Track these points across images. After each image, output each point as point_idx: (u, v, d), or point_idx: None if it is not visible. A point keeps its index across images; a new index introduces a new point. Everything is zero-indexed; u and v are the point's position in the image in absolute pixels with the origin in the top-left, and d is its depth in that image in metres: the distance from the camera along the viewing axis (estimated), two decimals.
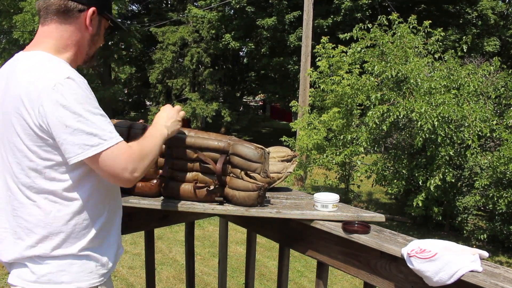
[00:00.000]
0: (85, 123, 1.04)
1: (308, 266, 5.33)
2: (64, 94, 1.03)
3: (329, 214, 1.41)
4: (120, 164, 1.08)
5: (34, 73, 1.07)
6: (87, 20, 1.18)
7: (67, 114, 1.03)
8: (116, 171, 1.08)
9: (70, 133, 1.03)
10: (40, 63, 1.10)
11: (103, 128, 1.06)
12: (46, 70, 1.08)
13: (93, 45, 1.25)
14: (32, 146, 1.08)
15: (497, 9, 15.58)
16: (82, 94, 1.06)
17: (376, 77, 6.64)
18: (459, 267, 1.07)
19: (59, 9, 1.15)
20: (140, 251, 5.20)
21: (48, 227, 1.11)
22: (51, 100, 1.03)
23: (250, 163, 1.42)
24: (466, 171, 6.82)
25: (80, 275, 1.15)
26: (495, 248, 6.68)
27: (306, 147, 7.63)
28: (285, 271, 1.67)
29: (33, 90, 1.05)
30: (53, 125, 1.04)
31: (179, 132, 1.50)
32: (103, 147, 1.06)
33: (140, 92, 20.24)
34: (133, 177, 1.11)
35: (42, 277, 1.12)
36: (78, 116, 1.04)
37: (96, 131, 1.05)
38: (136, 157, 1.11)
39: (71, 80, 1.06)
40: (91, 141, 1.04)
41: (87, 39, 1.22)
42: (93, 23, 1.20)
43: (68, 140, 1.04)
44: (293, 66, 14.55)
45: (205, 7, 14.90)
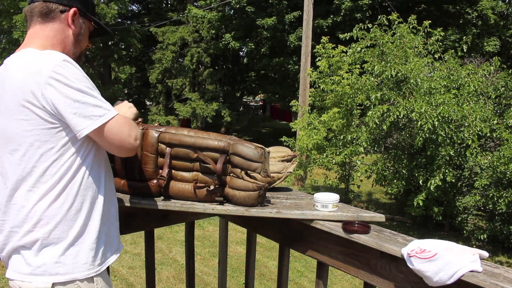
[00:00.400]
0: (89, 97, 1.12)
1: (308, 266, 5.33)
2: (64, 73, 1.10)
3: (329, 214, 1.41)
4: (126, 131, 1.17)
5: (30, 65, 1.12)
6: (69, 20, 1.25)
7: (71, 91, 1.09)
8: (123, 137, 1.16)
9: (78, 107, 1.10)
10: (33, 56, 1.15)
11: (104, 101, 1.15)
12: (42, 59, 1.12)
13: (78, 45, 1.30)
14: (34, 133, 1.11)
15: (497, 9, 15.58)
16: (80, 73, 1.13)
17: (376, 77, 6.63)
18: (459, 267, 1.07)
19: (42, 11, 1.22)
20: (140, 251, 5.20)
21: (39, 216, 1.13)
22: (53, 81, 1.08)
23: (250, 163, 1.42)
24: (466, 171, 6.82)
25: (75, 266, 1.16)
26: (495, 248, 6.68)
27: (306, 147, 7.62)
28: (285, 271, 1.67)
29: (33, 78, 1.09)
30: (59, 104, 1.09)
31: (179, 131, 1.51)
32: (109, 116, 1.14)
33: (140, 92, 20.23)
34: (137, 144, 1.21)
35: (37, 269, 1.14)
36: (81, 91, 1.11)
37: (99, 103, 1.13)
38: (133, 125, 1.22)
39: (67, 62, 1.13)
40: (98, 112, 1.12)
41: (71, 38, 1.27)
42: (75, 23, 1.27)
43: (77, 114, 1.10)
44: (293, 66, 14.55)
45: (205, 7, 14.90)
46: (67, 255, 1.16)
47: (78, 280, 1.17)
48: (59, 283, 1.15)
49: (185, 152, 1.48)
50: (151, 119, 15.94)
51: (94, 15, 1.34)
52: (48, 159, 1.13)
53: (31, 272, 1.14)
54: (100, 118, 1.12)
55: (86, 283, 1.19)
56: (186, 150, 1.48)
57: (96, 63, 16.25)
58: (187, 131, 1.51)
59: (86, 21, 1.31)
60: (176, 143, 1.48)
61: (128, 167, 1.52)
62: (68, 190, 1.16)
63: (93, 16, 1.33)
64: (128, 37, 15.77)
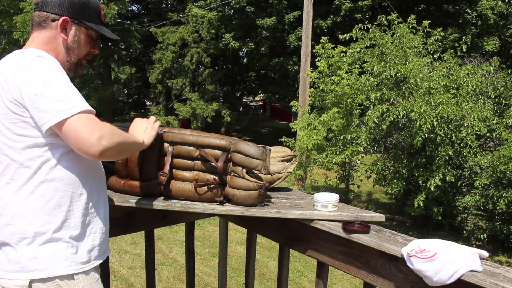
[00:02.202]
0: (55, 91, 1.10)
1: (308, 266, 5.34)
2: (35, 67, 1.12)
3: (329, 214, 1.41)
4: (88, 128, 1.09)
5: (12, 60, 1.17)
6: (59, 28, 1.27)
7: (39, 84, 1.10)
8: (82, 135, 1.09)
9: (41, 101, 1.09)
10: (20, 52, 1.21)
11: (72, 96, 1.12)
12: (21, 55, 1.18)
13: (72, 53, 1.30)
14: (7, 124, 1.13)
15: (496, 9, 15.57)
16: (53, 68, 1.15)
17: (376, 77, 6.64)
18: (459, 266, 1.07)
19: (38, 20, 1.27)
20: (140, 251, 5.20)
21: (16, 208, 1.13)
22: (24, 73, 1.11)
23: (251, 160, 1.42)
24: (466, 171, 6.82)
25: (54, 262, 1.14)
26: (495, 248, 6.68)
27: (306, 148, 7.63)
28: (285, 271, 1.67)
29: (10, 71, 1.13)
30: (26, 96, 1.10)
31: (181, 131, 1.51)
32: (72, 112, 1.09)
33: (140, 92, 20.22)
34: (100, 144, 1.09)
35: (16, 265, 1.12)
36: (49, 85, 1.10)
37: (65, 98, 1.10)
38: (106, 128, 1.12)
39: (42, 58, 1.16)
40: (61, 107, 1.09)
41: (63, 47, 1.29)
42: (68, 31, 1.29)
43: (40, 107, 1.09)
44: (293, 66, 14.55)
45: (205, 7, 14.90)
46: (45, 250, 1.13)
47: (57, 278, 1.14)
48: (37, 280, 1.13)
49: (187, 150, 1.49)
50: None
51: (95, 22, 1.34)
52: (22, 151, 1.13)
53: (10, 269, 1.12)
54: (61, 113, 1.09)
55: (67, 281, 1.16)
56: (188, 148, 1.49)
57: (96, 63, 16.24)
58: (189, 131, 1.52)
59: (82, 29, 1.31)
60: (179, 141, 1.49)
61: (129, 166, 1.52)
62: (46, 184, 1.15)
63: (93, 23, 1.33)
64: (128, 37, 15.77)
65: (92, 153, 1.10)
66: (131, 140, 1.25)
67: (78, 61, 1.33)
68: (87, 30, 1.33)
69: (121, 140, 1.16)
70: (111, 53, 16.22)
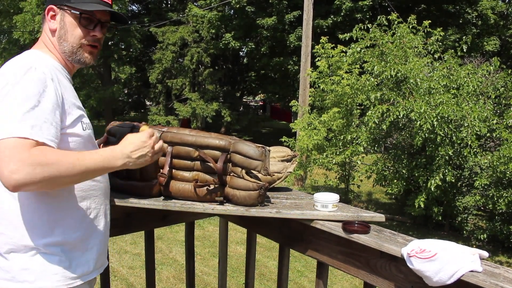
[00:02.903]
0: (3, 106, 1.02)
1: (308, 266, 5.34)
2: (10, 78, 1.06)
3: (329, 214, 1.41)
4: (2, 161, 0.96)
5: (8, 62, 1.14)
6: (47, 18, 1.24)
7: None
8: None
9: None
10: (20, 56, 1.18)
11: (7, 117, 1.00)
12: (16, 59, 1.15)
13: (64, 41, 1.23)
14: None
15: (497, 9, 15.58)
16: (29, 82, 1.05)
17: (376, 77, 6.64)
18: (459, 267, 1.07)
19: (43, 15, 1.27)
20: (140, 251, 5.19)
21: (4, 220, 1.10)
22: None
23: (250, 161, 1.42)
24: (466, 171, 6.82)
25: (44, 274, 1.11)
26: (495, 248, 6.68)
27: (306, 148, 7.63)
28: (285, 271, 1.67)
29: None
30: None
31: (180, 131, 1.51)
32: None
33: (140, 92, 20.23)
34: (11, 179, 0.95)
35: (6, 273, 1.10)
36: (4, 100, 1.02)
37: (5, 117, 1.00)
38: (27, 159, 0.96)
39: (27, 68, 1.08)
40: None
41: (55, 37, 1.25)
42: (57, 18, 1.23)
43: None
44: (293, 66, 14.56)
45: (205, 7, 14.90)
46: (37, 262, 1.10)
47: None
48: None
49: (186, 151, 1.49)
50: (151, 119, 15.95)
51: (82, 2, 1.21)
52: None
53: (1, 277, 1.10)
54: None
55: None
56: (187, 149, 1.49)
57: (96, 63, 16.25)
58: (188, 130, 1.52)
59: (66, 12, 1.22)
60: (178, 142, 1.49)
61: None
62: (41, 197, 1.11)
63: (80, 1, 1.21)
64: (128, 37, 15.76)
65: (6, 186, 0.98)
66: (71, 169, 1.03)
67: (74, 48, 1.24)
68: (71, 12, 1.22)
69: (48, 174, 0.98)
70: (111, 53, 16.22)
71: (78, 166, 1.04)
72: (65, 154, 1.04)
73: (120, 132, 1.52)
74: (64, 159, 1.02)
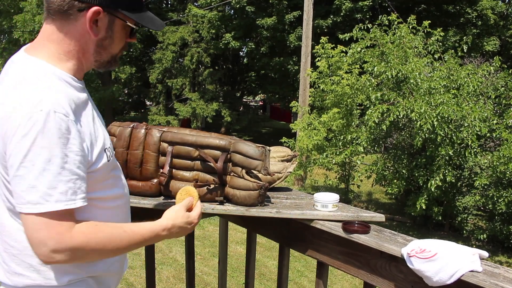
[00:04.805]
0: (31, 172, 0.88)
1: (308, 266, 5.34)
2: (28, 130, 0.87)
3: (329, 214, 1.41)
4: (39, 236, 0.89)
5: (18, 94, 0.92)
6: (88, 23, 0.98)
7: (19, 155, 0.88)
8: (32, 241, 0.90)
9: (13, 177, 0.89)
10: (29, 80, 0.94)
11: (44, 187, 0.88)
12: (28, 94, 0.92)
13: (104, 51, 1.04)
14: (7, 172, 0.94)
15: (497, 9, 15.59)
16: (50, 135, 0.88)
17: (376, 77, 6.64)
18: (459, 267, 1.07)
19: (57, 8, 0.97)
20: (140, 251, 5.19)
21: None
22: (14, 132, 0.88)
23: (251, 161, 1.42)
24: (466, 171, 6.82)
25: None
26: (495, 248, 6.68)
27: (306, 148, 7.63)
28: (285, 271, 1.67)
29: (7, 116, 0.91)
30: (8, 158, 0.91)
31: (181, 131, 1.51)
32: (28, 210, 0.88)
33: (140, 92, 20.23)
34: (51, 258, 0.90)
35: None
36: (28, 161, 0.88)
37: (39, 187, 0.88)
38: (67, 241, 0.90)
39: (46, 115, 0.88)
40: (28, 197, 0.88)
41: (93, 45, 1.02)
42: (100, 25, 1.00)
43: (12, 183, 0.90)
44: (293, 66, 14.56)
45: (205, 6, 14.91)
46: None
47: None
48: None
49: (187, 151, 1.49)
50: (151, 119, 15.95)
51: (135, 9, 1.04)
52: None
53: None
54: (18, 206, 0.90)
55: None
56: (187, 148, 1.49)
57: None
58: (188, 130, 1.52)
59: (117, 20, 1.02)
60: (178, 141, 1.49)
61: (128, 166, 1.52)
62: None
63: (132, 11, 1.03)
64: None
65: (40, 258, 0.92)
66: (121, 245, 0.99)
67: (112, 58, 1.08)
68: (124, 23, 1.03)
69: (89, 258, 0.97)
70: None
71: (118, 251, 1.01)
72: (109, 240, 0.98)
73: (119, 132, 1.52)
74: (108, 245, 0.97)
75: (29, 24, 13.75)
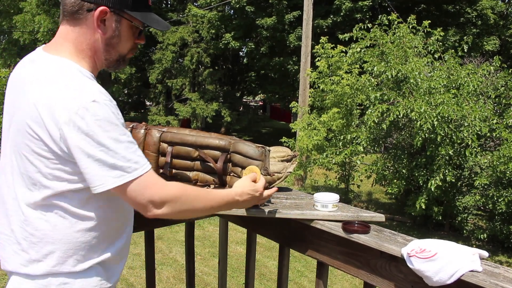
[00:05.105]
0: (107, 153, 0.97)
1: (308, 266, 5.34)
2: (87, 120, 0.96)
3: (329, 214, 1.41)
4: (146, 196, 1.02)
5: (57, 90, 0.99)
6: (95, 22, 1.05)
7: (90, 143, 0.96)
8: (140, 205, 1.03)
9: (91, 163, 0.97)
10: (63, 76, 1.02)
11: (127, 159, 0.99)
12: (70, 88, 0.99)
13: (112, 49, 1.12)
14: (45, 163, 1.01)
15: (496, 8, 15.59)
16: (108, 119, 0.98)
17: (376, 77, 6.64)
18: (459, 267, 1.07)
19: (70, 9, 1.06)
20: (140, 251, 5.19)
21: (55, 243, 1.05)
22: (73, 125, 0.96)
23: (251, 161, 1.42)
24: (466, 171, 6.83)
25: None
26: (495, 248, 6.68)
27: (306, 148, 7.63)
28: (285, 271, 1.67)
29: (54, 110, 0.97)
30: (74, 152, 0.98)
31: (180, 131, 1.51)
32: (125, 179, 0.99)
33: (140, 92, 20.23)
34: (159, 211, 1.03)
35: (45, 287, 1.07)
36: (101, 145, 0.97)
37: (119, 163, 0.98)
38: (168, 192, 1.04)
39: (97, 103, 0.97)
40: (112, 173, 0.98)
41: (102, 43, 1.09)
42: (107, 24, 1.07)
43: (89, 170, 0.98)
44: (293, 66, 14.56)
45: (205, 6, 14.91)
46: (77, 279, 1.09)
47: None
48: None
49: (186, 151, 1.49)
50: (151, 119, 15.95)
51: (141, 9, 1.11)
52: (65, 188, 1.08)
53: None
54: (112, 180, 0.99)
55: None
56: (187, 149, 1.49)
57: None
58: (188, 131, 1.52)
59: (123, 20, 1.09)
60: (178, 142, 1.49)
61: None
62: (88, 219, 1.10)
63: (138, 11, 1.10)
64: None
65: (145, 215, 1.05)
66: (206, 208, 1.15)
67: (120, 57, 1.15)
68: (130, 23, 1.11)
69: (185, 209, 1.09)
70: None
71: (205, 208, 1.16)
72: (198, 194, 1.13)
73: None
74: (197, 199, 1.12)
75: (28, 24, 13.75)
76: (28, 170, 1.03)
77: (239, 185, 1.26)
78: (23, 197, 1.05)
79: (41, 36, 14.94)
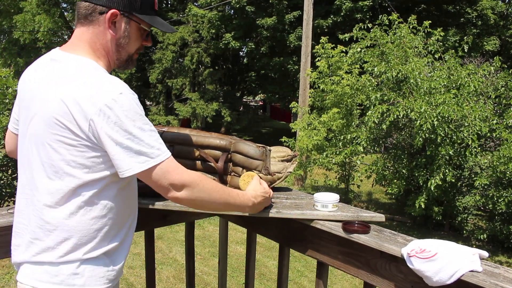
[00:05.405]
0: (134, 141, 1.06)
1: (308, 266, 5.34)
2: (116, 111, 1.04)
3: (329, 214, 1.41)
4: (168, 179, 1.10)
5: (83, 84, 1.06)
6: (107, 23, 1.15)
7: (118, 132, 1.05)
8: (162, 188, 1.11)
9: (119, 149, 1.06)
10: (87, 72, 1.10)
11: (151, 146, 1.08)
12: (97, 82, 1.07)
13: (122, 49, 1.21)
14: (70, 150, 1.08)
15: (497, 9, 15.59)
16: (133, 110, 1.07)
17: (376, 77, 6.64)
18: (459, 267, 1.07)
19: (84, 12, 1.15)
20: (140, 251, 5.20)
21: (70, 231, 1.11)
22: (103, 116, 1.04)
23: (251, 161, 1.42)
24: (466, 171, 6.82)
25: (92, 279, 1.14)
26: (495, 248, 6.68)
27: (306, 148, 7.63)
28: (285, 271, 1.67)
29: (82, 103, 1.04)
30: (104, 140, 1.06)
31: (181, 130, 1.51)
32: (149, 164, 1.08)
33: (140, 92, 20.20)
34: (180, 195, 1.12)
35: (54, 277, 1.11)
36: (128, 134, 1.06)
37: (144, 149, 1.07)
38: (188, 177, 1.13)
39: (124, 95, 1.06)
40: (138, 159, 1.07)
41: (113, 43, 1.19)
42: (117, 25, 1.17)
43: (118, 156, 1.06)
44: (293, 66, 14.56)
45: (205, 6, 14.91)
46: (87, 268, 1.13)
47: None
48: None
49: (187, 151, 1.49)
50: (151, 119, 15.95)
51: (148, 12, 1.24)
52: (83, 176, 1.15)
53: (48, 280, 1.11)
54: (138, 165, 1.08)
55: None
56: (188, 149, 1.49)
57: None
58: (189, 130, 1.52)
59: (132, 22, 1.20)
60: (178, 142, 1.49)
61: None
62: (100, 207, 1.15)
63: (145, 14, 1.22)
64: None
65: (174, 201, 1.15)
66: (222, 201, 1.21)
67: (129, 57, 1.24)
68: (138, 24, 1.21)
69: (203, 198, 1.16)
70: None
71: (220, 202, 1.21)
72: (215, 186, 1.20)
73: None
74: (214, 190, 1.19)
75: (29, 24, 13.75)
76: (52, 158, 1.09)
77: (252, 189, 1.33)
78: (42, 187, 1.11)
79: (41, 36, 14.94)
